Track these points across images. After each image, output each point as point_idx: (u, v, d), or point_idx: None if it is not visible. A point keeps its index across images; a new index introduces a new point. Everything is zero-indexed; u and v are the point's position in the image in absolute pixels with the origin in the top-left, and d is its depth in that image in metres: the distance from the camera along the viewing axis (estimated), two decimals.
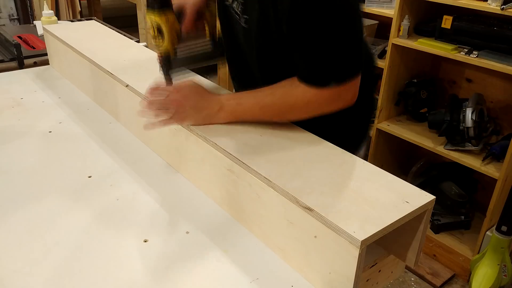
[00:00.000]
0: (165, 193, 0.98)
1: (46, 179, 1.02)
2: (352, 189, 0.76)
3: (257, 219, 0.84)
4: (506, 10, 1.62)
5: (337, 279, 0.70)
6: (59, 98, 1.41)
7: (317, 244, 0.72)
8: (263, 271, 0.79)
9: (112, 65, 1.26)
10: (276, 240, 0.81)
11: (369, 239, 0.65)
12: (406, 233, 0.78)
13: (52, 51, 1.62)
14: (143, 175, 1.04)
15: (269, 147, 0.88)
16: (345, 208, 0.71)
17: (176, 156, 1.04)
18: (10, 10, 3.43)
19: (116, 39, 1.54)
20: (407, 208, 0.71)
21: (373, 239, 0.66)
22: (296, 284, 0.76)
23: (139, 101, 1.08)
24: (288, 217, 0.76)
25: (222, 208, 0.93)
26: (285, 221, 0.76)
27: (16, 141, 1.16)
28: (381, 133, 2.25)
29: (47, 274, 0.77)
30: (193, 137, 0.95)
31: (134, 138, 1.20)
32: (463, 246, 2.03)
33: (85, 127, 1.25)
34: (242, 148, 0.87)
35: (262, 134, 0.93)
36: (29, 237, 0.85)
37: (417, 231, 0.76)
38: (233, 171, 0.86)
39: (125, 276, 0.77)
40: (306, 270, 0.76)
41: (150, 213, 0.92)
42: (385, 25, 2.39)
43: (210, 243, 0.84)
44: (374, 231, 0.66)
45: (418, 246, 0.77)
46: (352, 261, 0.66)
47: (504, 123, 2.04)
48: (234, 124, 0.95)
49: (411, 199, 0.73)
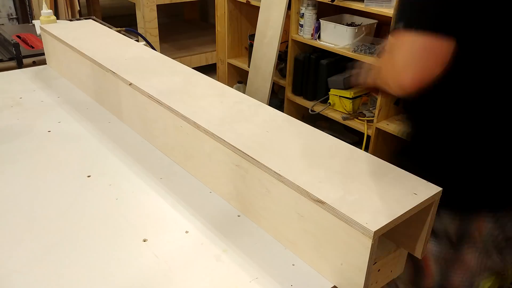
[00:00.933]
0: (165, 193, 0.98)
1: (45, 178, 1.02)
2: (362, 182, 0.77)
3: (266, 213, 0.84)
4: None
5: (349, 269, 0.71)
6: (58, 97, 1.41)
7: (329, 236, 0.73)
8: (263, 270, 0.79)
9: (113, 63, 1.25)
10: (286, 233, 0.82)
11: (381, 229, 0.66)
12: (414, 224, 0.79)
13: (50, 50, 1.62)
14: (143, 174, 1.04)
15: (277, 143, 0.89)
16: (356, 201, 0.72)
17: (181, 153, 1.04)
18: (9, 9, 3.43)
19: (115, 38, 1.54)
20: (416, 199, 0.73)
21: (385, 229, 0.67)
22: (296, 283, 0.76)
23: (141, 100, 1.08)
24: (299, 210, 0.76)
25: (230, 203, 0.93)
26: (296, 215, 0.77)
27: (15, 141, 1.16)
28: (380, 132, 2.25)
29: (46, 274, 0.77)
30: (200, 133, 0.94)
31: (134, 137, 1.19)
32: None
33: (84, 126, 1.24)
34: (250, 144, 0.87)
35: (268, 130, 0.93)
36: (29, 237, 0.85)
37: (425, 223, 0.78)
38: (241, 166, 0.86)
39: (124, 275, 0.77)
40: (317, 262, 0.77)
41: (150, 212, 0.92)
42: (384, 24, 2.40)
43: (210, 243, 0.84)
44: (386, 222, 0.67)
45: (425, 238, 0.79)
46: (365, 252, 0.67)
47: None
48: (239, 120, 0.96)
49: (419, 191, 0.75)
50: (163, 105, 1.04)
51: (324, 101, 2.67)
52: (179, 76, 1.20)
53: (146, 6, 3.33)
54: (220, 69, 3.59)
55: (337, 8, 2.44)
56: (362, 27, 2.41)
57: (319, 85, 2.68)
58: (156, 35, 3.45)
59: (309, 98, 2.75)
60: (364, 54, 2.30)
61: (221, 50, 3.47)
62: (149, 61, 1.29)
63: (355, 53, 2.33)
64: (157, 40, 3.47)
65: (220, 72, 3.60)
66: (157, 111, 1.07)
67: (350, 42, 2.37)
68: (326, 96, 2.64)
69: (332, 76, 2.58)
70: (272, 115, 1.00)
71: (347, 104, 2.48)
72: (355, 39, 2.36)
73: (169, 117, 1.03)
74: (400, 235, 0.83)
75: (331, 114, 2.54)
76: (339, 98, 2.51)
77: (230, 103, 1.05)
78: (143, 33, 3.36)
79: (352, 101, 2.47)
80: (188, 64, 1.58)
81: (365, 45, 2.32)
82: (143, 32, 3.40)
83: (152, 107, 1.08)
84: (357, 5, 2.24)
